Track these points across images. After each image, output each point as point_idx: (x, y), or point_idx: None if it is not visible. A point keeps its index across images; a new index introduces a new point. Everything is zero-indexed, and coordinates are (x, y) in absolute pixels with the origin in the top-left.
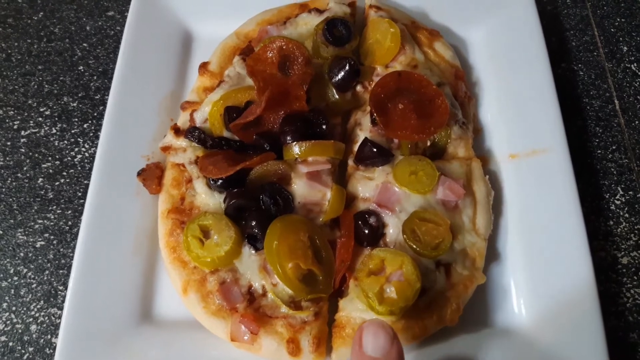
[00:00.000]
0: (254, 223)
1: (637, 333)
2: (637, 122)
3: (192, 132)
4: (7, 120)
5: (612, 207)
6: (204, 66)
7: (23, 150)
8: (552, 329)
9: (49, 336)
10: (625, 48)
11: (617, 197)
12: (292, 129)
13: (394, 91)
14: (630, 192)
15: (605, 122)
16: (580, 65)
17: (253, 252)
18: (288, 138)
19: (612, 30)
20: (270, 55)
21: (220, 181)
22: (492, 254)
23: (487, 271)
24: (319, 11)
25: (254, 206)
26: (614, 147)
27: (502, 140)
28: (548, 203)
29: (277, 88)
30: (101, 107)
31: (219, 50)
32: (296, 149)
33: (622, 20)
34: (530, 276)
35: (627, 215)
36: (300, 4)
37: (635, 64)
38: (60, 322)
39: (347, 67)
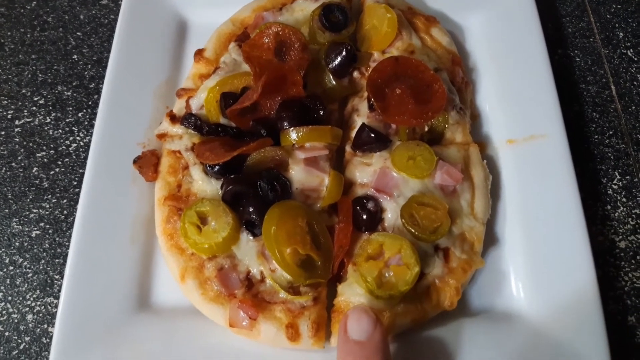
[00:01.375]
0: (251, 209)
1: (635, 316)
2: (633, 107)
3: (188, 119)
4: (0, 110)
5: (610, 192)
6: (199, 53)
7: (17, 139)
8: (551, 313)
9: (46, 325)
10: (621, 34)
11: (615, 181)
12: (289, 114)
13: (392, 76)
14: (628, 177)
15: (602, 107)
16: (576, 52)
17: (251, 238)
18: (285, 124)
19: (608, 16)
20: (267, 41)
21: (217, 167)
22: (491, 238)
23: (485, 255)
24: None
25: (252, 192)
26: (610, 132)
27: (499, 126)
28: (546, 188)
29: (274, 73)
30: (96, 96)
31: (215, 37)
32: (293, 134)
33: (618, 6)
34: (529, 260)
35: (624, 199)
36: None
37: (631, 50)
38: (56, 312)
39: (343, 53)
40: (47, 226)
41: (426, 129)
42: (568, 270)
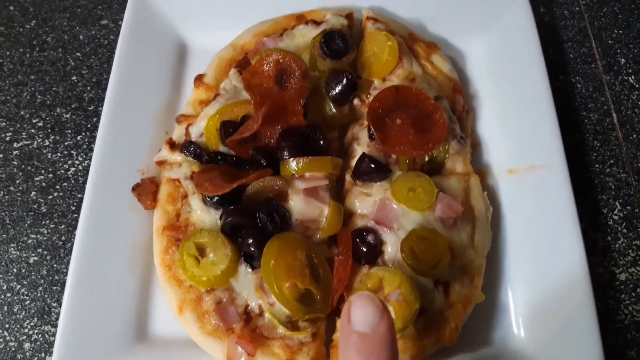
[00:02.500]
0: (250, 241)
1: (635, 350)
2: (634, 135)
3: (188, 147)
4: None
5: (610, 223)
6: (199, 79)
7: (15, 162)
8: (551, 347)
9: (43, 354)
10: (623, 60)
11: (615, 212)
12: (289, 144)
13: (392, 106)
14: (628, 207)
15: (603, 135)
16: (578, 78)
17: (249, 270)
18: (285, 153)
19: (610, 42)
20: (267, 68)
21: (216, 198)
22: (491, 271)
23: (485, 289)
24: (316, 23)
25: (251, 224)
26: (611, 161)
27: (500, 155)
28: (546, 219)
29: (274, 103)
30: (95, 119)
31: (215, 62)
32: (293, 164)
33: (620, 32)
34: (528, 294)
35: (625, 230)
36: (297, 16)
37: (632, 77)
38: (54, 340)
39: (344, 82)
40: (45, 252)
41: (426, 158)
42: (568, 304)
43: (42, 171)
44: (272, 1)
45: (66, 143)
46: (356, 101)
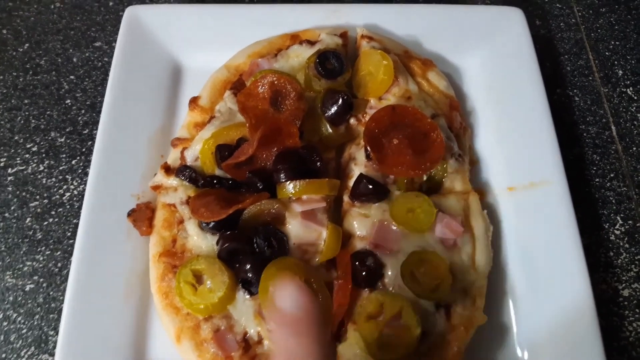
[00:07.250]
0: (248, 267)
1: None
2: (634, 148)
3: (183, 171)
4: None
5: (612, 238)
6: (194, 101)
7: (10, 188)
8: None
9: None
10: (620, 72)
11: (617, 227)
12: (285, 167)
13: (388, 126)
14: (630, 222)
15: (603, 149)
16: (575, 91)
17: (247, 296)
18: (281, 176)
19: (607, 53)
20: (262, 90)
21: (213, 223)
22: (492, 291)
23: (487, 310)
24: (310, 43)
25: (248, 249)
26: (612, 175)
27: (499, 172)
28: (547, 237)
29: (270, 125)
30: (89, 143)
31: (209, 85)
32: (290, 187)
33: (617, 43)
34: (531, 313)
35: (627, 245)
36: (291, 35)
37: (630, 88)
38: None
39: (340, 101)
40: (41, 279)
41: (425, 177)
42: (571, 322)
43: (37, 197)
44: (265, 21)
45: (61, 168)
46: (352, 121)
